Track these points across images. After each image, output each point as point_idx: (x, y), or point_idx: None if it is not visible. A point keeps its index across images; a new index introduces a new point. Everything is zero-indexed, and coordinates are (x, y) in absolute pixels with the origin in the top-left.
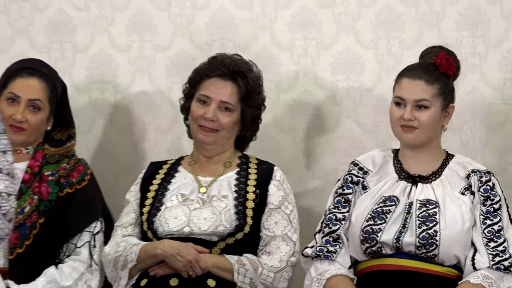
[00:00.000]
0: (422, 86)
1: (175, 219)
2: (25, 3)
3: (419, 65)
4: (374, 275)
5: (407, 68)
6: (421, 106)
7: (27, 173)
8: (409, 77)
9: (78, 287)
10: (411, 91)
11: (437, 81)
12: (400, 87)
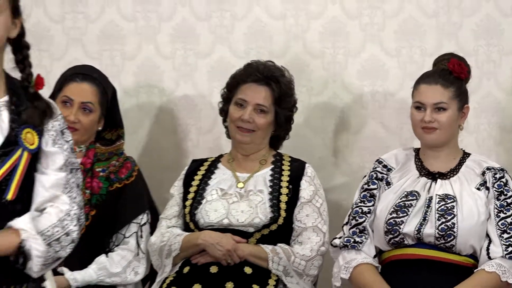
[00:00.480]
0: (439, 90)
1: (215, 212)
2: (79, 15)
3: (434, 72)
4: (397, 264)
5: (423, 75)
6: (439, 108)
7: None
8: (426, 83)
9: (126, 274)
10: (429, 96)
11: (452, 84)
12: (418, 92)
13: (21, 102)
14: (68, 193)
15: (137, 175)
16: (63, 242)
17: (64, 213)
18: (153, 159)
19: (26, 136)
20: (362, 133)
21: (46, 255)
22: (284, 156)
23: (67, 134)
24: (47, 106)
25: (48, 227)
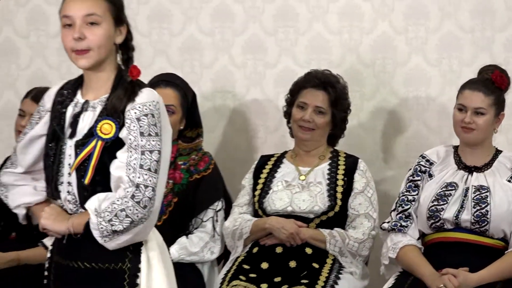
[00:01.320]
0: (480, 96)
1: (280, 200)
2: (164, 30)
3: (478, 80)
4: (437, 246)
5: (469, 81)
6: (479, 112)
7: None
8: (470, 88)
9: (203, 253)
10: (471, 100)
11: (493, 93)
12: (463, 96)
13: (116, 96)
14: (129, 174)
15: (214, 168)
16: (120, 217)
17: (123, 194)
18: (227, 155)
19: (102, 127)
20: (407, 132)
21: (99, 228)
22: (340, 152)
23: (144, 120)
24: (131, 90)
25: (109, 205)
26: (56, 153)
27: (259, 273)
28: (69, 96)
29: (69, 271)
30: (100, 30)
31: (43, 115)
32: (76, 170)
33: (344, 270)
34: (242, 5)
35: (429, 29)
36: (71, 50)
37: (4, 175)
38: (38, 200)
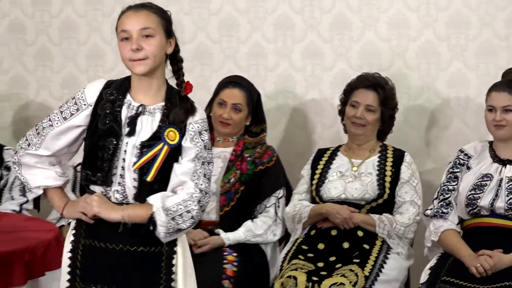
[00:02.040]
0: (506, 96)
1: (335, 189)
2: (232, 37)
3: (502, 82)
4: (474, 230)
5: (494, 85)
6: (507, 110)
7: (232, 155)
8: (496, 90)
9: (267, 235)
10: (498, 100)
11: None
12: (490, 98)
13: (172, 106)
14: (195, 180)
15: (276, 160)
16: (184, 217)
17: (189, 195)
18: (288, 148)
19: (169, 133)
20: (448, 129)
21: (168, 225)
22: (388, 146)
23: (204, 135)
24: (190, 107)
25: (174, 204)
26: (114, 148)
27: (316, 253)
28: (119, 97)
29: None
30: (154, 41)
31: (83, 108)
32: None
33: (392, 251)
34: (301, 15)
35: (468, 37)
36: (128, 59)
37: (25, 156)
38: (58, 184)
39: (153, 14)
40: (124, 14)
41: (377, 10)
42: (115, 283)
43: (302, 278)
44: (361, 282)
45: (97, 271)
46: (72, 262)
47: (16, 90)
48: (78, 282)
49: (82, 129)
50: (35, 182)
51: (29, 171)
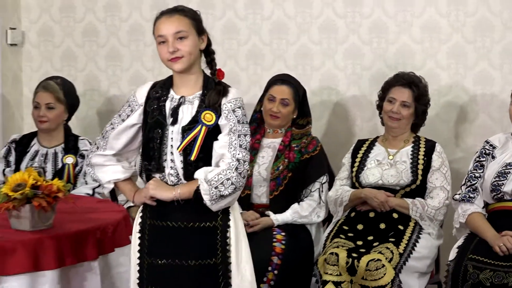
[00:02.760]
0: None
1: (373, 175)
2: (282, 40)
3: None
4: (498, 213)
5: None
6: None
7: (281, 145)
8: None
9: (311, 216)
10: None
11: None
12: None
13: (208, 93)
14: (231, 151)
15: (320, 150)
16: (225, 185)
17: (227, 165)
18: (330, 139)
19: (205, 116)
20: (475, 123)
21: (211, 193)
22: (421, 137)
23: (238, 111)
24: (223, 89)
25: (215, 175)
26: (161, 137)
27: (355, 233)
28: (164, 93)
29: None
30: (188, 41)
31: (136, 108)
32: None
33: (423, 231)
34: (344, 20)
35: (493, 39)
36: (166, 60)
37: (94, 157)
38: (126, 177)
39: (184, 17)
40: (159, 20)
41: (411, 15)
42: (177, 256)
43: (343, 255)
44: (396, 258)
45: (161, 247)
46: (140, 240)
47: (89, 86)
48: (145, 257)
49: (138, 127)
50: (105, 178)
51: (100, 169)
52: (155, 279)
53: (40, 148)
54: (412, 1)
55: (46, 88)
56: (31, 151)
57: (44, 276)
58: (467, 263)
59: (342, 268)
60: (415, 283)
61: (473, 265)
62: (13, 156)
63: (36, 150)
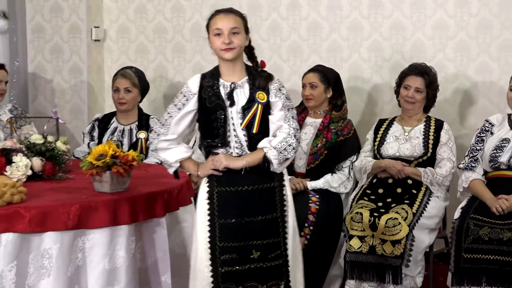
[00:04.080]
0: None
1: (391, 149)
2: (316, 37)
3: None
4: (496, 180)
5: None
6: None
7: (321, 126)
8: None
9: (340, 187)
10: None
11: None
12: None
13: (254, 78)
14: (287, 122)
15: (353, 133)
16: (288, 149)
17: (286, 134)
18: (356, 118)
19: (259, 95)
20: (476, 105)
21: (278, 157)
22: (431, 117)
23: (283, 90)
24: (268, 75)
25: (279, 142)
26: (224, 117)
27: (376, 196)
28: (214, 82)
29: (237, 195)
30: (240, 36)
31: (191, 97)
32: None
33: (433, 194)
34: (367, 20)
35: (492, 36)
36: (220, 49)
37: (159, 143)
38: (188, 155)
39: (238, 17)
40: (216, 16)
41: (424, 16)
42: (245, 215)
43: (366, 214)
44: (410, 217)
45: (231, 209)
46: (209, 205)
47: (158, 74)
48: (216, 219)
49: (194, 112)
50: (172, 158)
51: (164, 152)
52: (227, 236)
53: (118, 125)
54: (425, 4)
55: (124, 75)
56: (111, 128)
57: (121, 229)
58: (469, 221)
59: (365, 225)
60: (425, 237)
61: (474, 223)
62: (96, 131)
63: (115, 127)
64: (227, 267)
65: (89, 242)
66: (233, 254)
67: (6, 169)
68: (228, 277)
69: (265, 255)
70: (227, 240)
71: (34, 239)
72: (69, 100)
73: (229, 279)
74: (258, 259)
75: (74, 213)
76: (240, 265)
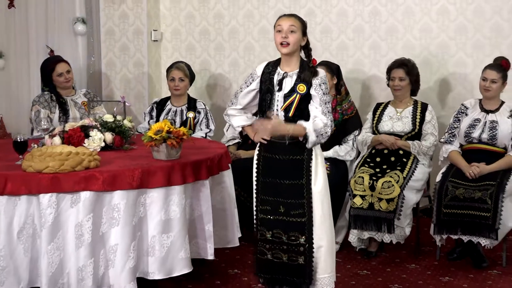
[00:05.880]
0: (494, 73)
1: (386, 126)
2: (327, 39)
3: (493, 64)
4: (469, 151)
5: (488, 65)
6: (493, 81)
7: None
8: (489, 68)
9: (346, 156)
10: (489, 74)
11: (501, 71)
12: (485, 72)
13: (303, 71)
14: (326, 116)
15: (356, 112)
16: (323, 135)
17: (325, 123)
18: (359, 101)
19: (299, 87)
20: (454, 91)
21: (315, 140)
22: (418, 101)
23: (323, 86)
24: (314, 71)
25: (319, 129)
26: (270, 99)
27: (374, 163)
28: (273, 69)
29: (274, 161)
30: (295, 35)
31: (256, 78)
32: (284, 109)
33: (420, 162)
34: (369, 24)
35: (468, 38)
36: (279, 43)
37: (230, 110)
38: (249, 123)
39: (297, 20)
40: (281, 17)
41: (413, 21)
42: (278, 177)
43: (367, 178)
44: (401, 180)
45: (269, 170)
46: (257, 165)
47: (203, 67)
48: (260, 176)
49: (256, 91)
50: (237, 123)
51: (233, 118)
52: (265, 190)
53: (172, 107)
54: (413, 12)
55: (178, 68)
56: (166, 109)
57: (174, 189)
58: (448, 183)
59: (366, 186)
60: (413, 196)
61: (452, 185)
62: (154, 112)
63: (169, 108)
64: (263, 215)
65: (149, 199)
66: (267, 206)
67: (85, 142)
68: (263, 223)
69: (288, 211)
70: (264, 194)
71: (106, 196)
72: (133, 88)
73: (264, 224)
74: (283, 213)
75: (137, 176)
76: (271, 215)
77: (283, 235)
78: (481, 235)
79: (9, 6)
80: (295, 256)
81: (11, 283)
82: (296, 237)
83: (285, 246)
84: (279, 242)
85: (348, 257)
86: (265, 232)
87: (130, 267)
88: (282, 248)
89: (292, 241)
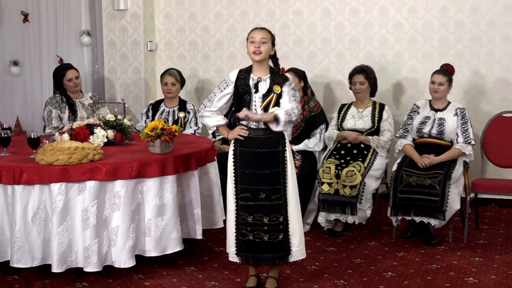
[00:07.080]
0: (441, 77)
1: (349, 123)
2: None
3: (440, 70)
4: (421, 144)
5: (436, 70)
6: (440, 84)
7: None
8: (437, 73)
9: (314, 147)
10: (437, 78)
11: (447, 75)
12: (433, 76)
13: (274, 76)
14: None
15: (321, 110)
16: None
17: (292, 106)
18: (326, 103)
19: (275, 88)
20: (407, 93)
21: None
22: (376, 102)
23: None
24: (285, 77)
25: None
26: (249, 100)
27: (340, 155)
28: (247, 75)
29: (252, 154)
30: (266, 45)
31: (230, 84)
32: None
33: (378, 154)
34: (334, 36)
35: (418, 47)
36: (252, 52)
37: (205, 112)
38: (223, 123)
39: (268, 32)
40: (253, 30)
41: (373, 33)
42: (257, 168)
43: (333, 167)
44: (362, 170)
45: (247, 163)
46: (234, 159)
47: (192, 73)
48: (238, 168)
49: (230, 94)
50: (212, 123)
51: (208, 119)
52: (245, 180)
53: (165, 108)
54: (373, 27)
55: (170, 74)
56: (160, 110)
57: (167, 178)
58: (402, 172)
59: (332, 175)
60: (373, 183)
61: (405, 174)
62: (150, 112)
63: (163, 109)
64: (244, 202)
65: (146, 187)
66: (247, 194)
67: (90, 138)
68: (244, 209)
69: (269, 196)
70: (244, 184)
71: (109, 185)
72: (132, 91)
73: (244, 210)
74: (264, 199)
75: (135, 167)
76: (252, 201)
77: (265, 217)
78: (431, 216)
79: (24, 21)
80: (275, 234)
81: (26, 260)
82: (276, 217)
83: (266, 227)
84: (260, 224)
85: (317, 236)
86: (246, 216)
87: (130, 246)
88: (263, 229)
89: (273, 221)
